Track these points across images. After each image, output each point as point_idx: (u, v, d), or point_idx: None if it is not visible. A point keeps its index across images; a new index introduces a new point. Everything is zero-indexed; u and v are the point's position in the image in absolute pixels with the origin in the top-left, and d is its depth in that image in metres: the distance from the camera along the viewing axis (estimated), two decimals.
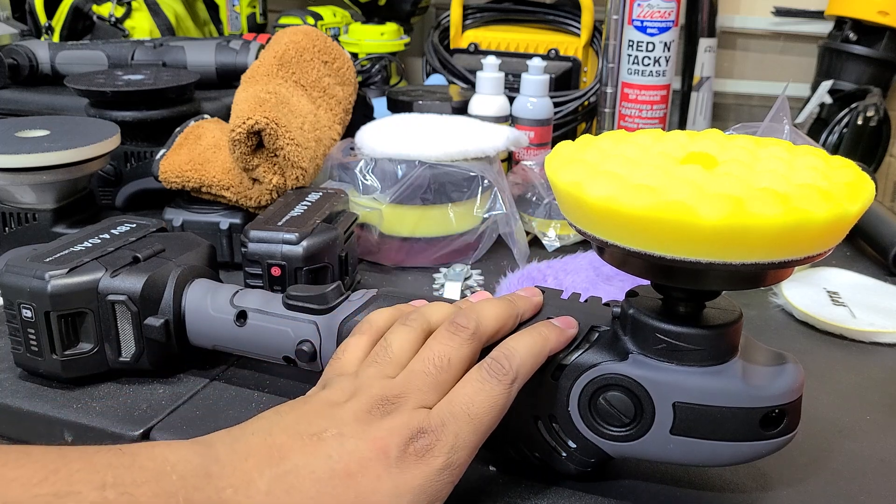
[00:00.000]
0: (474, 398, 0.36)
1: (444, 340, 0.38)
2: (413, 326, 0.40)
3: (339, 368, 0.40)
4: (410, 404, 0.36)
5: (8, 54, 0.93)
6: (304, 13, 1.20)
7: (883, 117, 0.97)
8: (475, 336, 0.39)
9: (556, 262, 0.65)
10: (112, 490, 0.30)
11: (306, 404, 0.37)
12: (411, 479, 0.34)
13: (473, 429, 0.36)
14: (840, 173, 0.35)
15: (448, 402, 0.36)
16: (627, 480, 0.43)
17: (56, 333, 0.49)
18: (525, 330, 0.40)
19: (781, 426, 0.37)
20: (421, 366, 0.37)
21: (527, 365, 0.38)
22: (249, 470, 0.33)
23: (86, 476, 0.30)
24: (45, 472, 0.30)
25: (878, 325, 0.60)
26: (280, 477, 0.33)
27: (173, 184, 0.68)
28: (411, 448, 0.34)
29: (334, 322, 0.46)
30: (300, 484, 0.33)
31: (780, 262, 0.33)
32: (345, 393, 0.37)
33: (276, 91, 0.70)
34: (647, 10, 0.90)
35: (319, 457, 0.34)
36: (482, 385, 0.37)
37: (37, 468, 0.30)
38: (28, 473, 0.30)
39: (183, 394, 0.50)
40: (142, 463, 0.32)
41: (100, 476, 0.31)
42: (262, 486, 0.33)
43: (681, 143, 0.39)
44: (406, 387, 0.37)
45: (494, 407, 0.36)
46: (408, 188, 0.68)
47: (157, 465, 0.32)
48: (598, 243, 0.35)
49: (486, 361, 0.38)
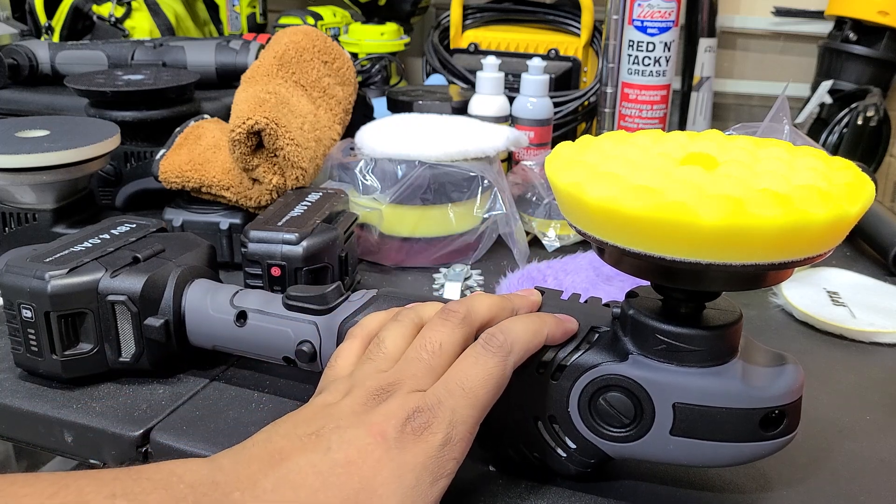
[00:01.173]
0: (469, 373, 0.36)
1: (436, 327, 0.39)
2: (405, 322, 0.40)
3: (333, 374, 0.40)
4: (405, 389, 0.36)
5: (8, 54, 0.93)
6: (304, 13, 1.20)
7: (883, 117, 0.97)
8: (466, 320, 0.39)
9: (556, 262, 0.65)
10: (122, 499, 0.31)
11: (303, 410, 0.37)
12: (412, 459, 0.34)
13: (470, 403, 0.36)
14: (840, 174, 0.35)
15: (443, 381, 0.36)
16: (627, 480, 0.43)
17: (56, 334, 0.49)
18: (522, 314, 0.40)
19: (781, 427, 0.37)
20: (414, 353, 0.38)
21: (522, 341, 0.38)
22: (254, 474, 0.34)
23: (95, 488, 0.31)
24: (55, 487, 0.31)
25: (878, 325, 0.60)
26: (284, 476, 0.33)
27: (173, 184, 0.68)
28: (408, 427, 0.34)
29: (334, 322, 0.46)
30: (304, 479, 0.33)
31: (780, 263, 0.33)
32: (340, 393, 0.37)
33: (276, 91, 0.70)
34: (647, 10, 0.90)
35: (319, 451, 0.34)
36: (476, 360, 0.37)
37: (46, 485, 0.31)
38: (39, 489, 0.30)
39: (183, 394, 0.50)
40: (148, 475, 0.33)
41: (108, 488, 0.31)
42: (268, 486, 0.33)
43: (681, 143, 0.39)
44: (400, 375, 0.37)
45: (490, 380, 0.36)
46: (408, 188, 0.68)
47: (164, 477, 0.33)
48: (598, 244, 0.35)
49: (482, 337, 0.38)
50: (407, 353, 0.38)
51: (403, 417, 0.35)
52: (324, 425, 0.35)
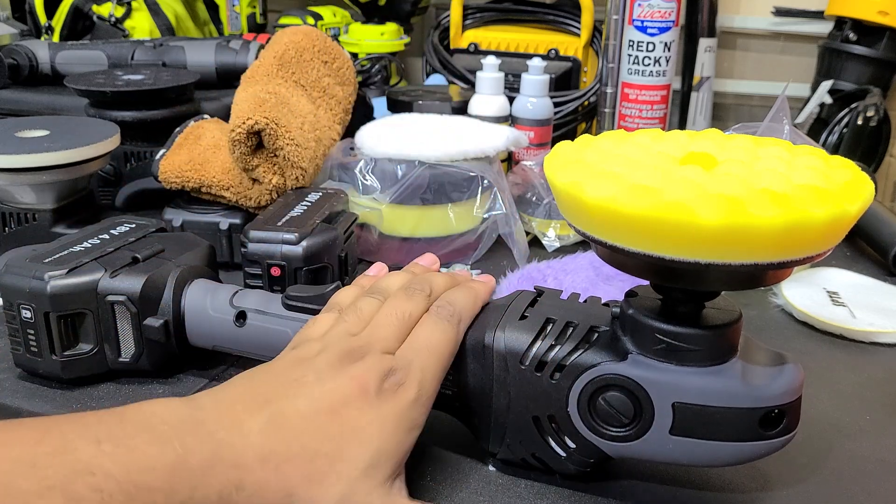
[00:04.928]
0: (431, 336, 0.40)
1: (402, 299, 0.42)
2: (377, 298, 0.44)
3: (306, 335, 0.43)
4: (376, 350, 0.39)
5: (8, 54, 0.93)
6: (304, 13, 1.20)
7: (883, 117, 0.97)
8: (430, 297, 0.43)
9: (555, 262, 0.65)
10: (108, 444, 0.31)
11: (277, 362, 0.40)
12: (390, 410, 0.37)
13: (435, 361, 0.40)
14: (839, 173, 0.35)
15: (409, 343, 0.40)
16: (627, 480, 0.43)
17: (55, 334, 0.49)
18: (455, 287, 0.45)
19: (781, 426, 0.37)
20: (384, 319, 0.41)
21: (468, 309, 0.43)
22: (238, 414, 0.35)
23: (78, 433, 0.31)
24: (39, 433, 0.31)
25: (878, 325, 0.60)
26: (269, 418, 0.35)
27: (173, 184, 0.68)
28: (386, 384, 0.37)
29: None
30: (288, 422, 0.35)
31: (780, 263, 0.33)
32: (314, 350, 0.40)
33: (276, 91, 0.70)
34: (647, 10, 0.90)
35: (302, 397, 0.36)
36: (436, 325, 0.41)
37: (29, 430, 0.31)
38: (23, 435, 0.31)
39: (182, 394, 0.50)
40: (130, 417, 0.34)
41: (92, 432, 0.32)
42: (254, 427, 0.35)
43: (680, 143, 0.39)
44: (370, 338, 0.40)
45: (449, 343, 0.41)
46: (408, 188, 0.68)
47: (146, 419, 0.33)
48: (598, 244, 0.35)
49: (433, 308, 0.42)
50: (377, 318, 0.41)
51: (381, 375, 0.37)
52: (304, 375, 0.37)
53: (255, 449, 0.34)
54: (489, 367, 0.41)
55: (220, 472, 0.33)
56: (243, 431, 0.34)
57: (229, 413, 0.35)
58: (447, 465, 0.44)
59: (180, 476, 0.32)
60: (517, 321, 0.41)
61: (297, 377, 0.37)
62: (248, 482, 0.33)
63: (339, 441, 0.35)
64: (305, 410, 0.36)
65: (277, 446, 0.34)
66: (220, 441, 0.33)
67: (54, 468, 0.29)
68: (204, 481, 0.32)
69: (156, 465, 0.31)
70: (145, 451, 0.32)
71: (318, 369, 0.38)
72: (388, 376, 0.38)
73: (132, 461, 0.31)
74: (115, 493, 0.30)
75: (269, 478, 0.34)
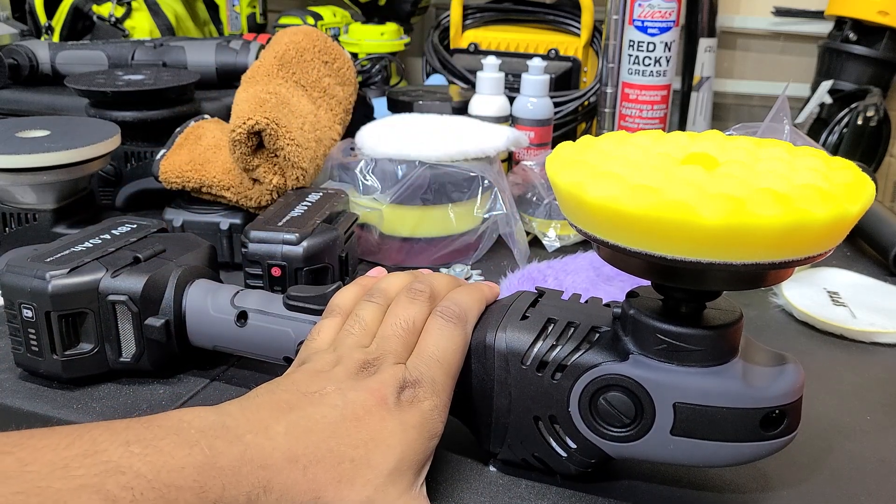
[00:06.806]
0: (439, 343, 0.41)
1: (406, 305, 0.43)
2: (378, 302, 0.44)
3: (315, 347, 0.43)
4: (389, 363, 0.40)
5: (8, 54, 0.93)
6: (304, 13, 1.20)
7: (883, 117, 0.97)
8: (432, 298, 0.44)
9: (556, 262, 0.65)
10: (136, 445, 0.31)
11: (296, 374, 0.40)
12: (411, 418, 0.38)
13: (445, 372, 0.40)
14: (840, 174, 0.35)
15: (419, 354, 0.41)
16: (627, 480, 0.43)
17: (56, 334, 0.49)
18: (460, 287, 0.45)
19: (782, 427, 0.37)
20: (391, 330, 0.42)
21: (473, 309, 0.43)
22: (264, 419, 0.35)
23: (108, 437, 0.32)
24: (70, 438, 0.31)
25: (878, 325, 0.60)
26: (295, 422, 0.36)
27: (173, 184, 0.68)
28: (402, 397, 0.38)
29: None
30: (316, 425, 0.36)
31: (781, 263, 0.33)
32: (328, 363, 0.40)
33: (277, 91, 0.70)
34: (647, 10, 0.90)
35: (326, 406, 0.37)
36: (442, 331, 0.41)
37: (61, 437, 0.32)
38: (55, 441, 0.31)
39: (183, 394, 0.50)
40: (159, 423, 0.34)
41: (121, 436, 0.32)
42: (280, 430, 0.35)
43: (681, 143, 0.39)
44: (382, 350, 0.40)
45: (458, 348, 0.41)
46: (408, 188, 0.68)
47: (174, 423, 0.34)
48: (599, 243, 0.35)
49: (438, 310, 0.42)
50: (383, 329, 0.42)
51: (396, 387, 0.38)
52: (325, 386, 0.38)
53: (282, 450, 0.34)
54: (490, 368, 0.41)
55: (248, 473, 0.33)
56: (269, 434, 0.34)
57: (256, 418, 0.35)
58: (448, 466, 0.44)
59: (209, 476, 0.32)
60: (518, 321, 0.41)
61: (318, 388, 0.38)
62: (276, 483, 0.33)
63: (365, 447, 0.36)
64: (331, 417, 0.36)
65: (305, 449, 0.35)
66: (248, 443, 0.34)
67: (86, 468, 0.30)
68: (233, 481, 0.32)
69: (185, 465, 0.31)
70: (173, 452, 0.32)
71: (337, 380, 0.38)
72: (404, 388, 0.38)
73: (161, 461, 0.31)
74: (145, 490, 0.30)
75: (298, 479, 0.34)
